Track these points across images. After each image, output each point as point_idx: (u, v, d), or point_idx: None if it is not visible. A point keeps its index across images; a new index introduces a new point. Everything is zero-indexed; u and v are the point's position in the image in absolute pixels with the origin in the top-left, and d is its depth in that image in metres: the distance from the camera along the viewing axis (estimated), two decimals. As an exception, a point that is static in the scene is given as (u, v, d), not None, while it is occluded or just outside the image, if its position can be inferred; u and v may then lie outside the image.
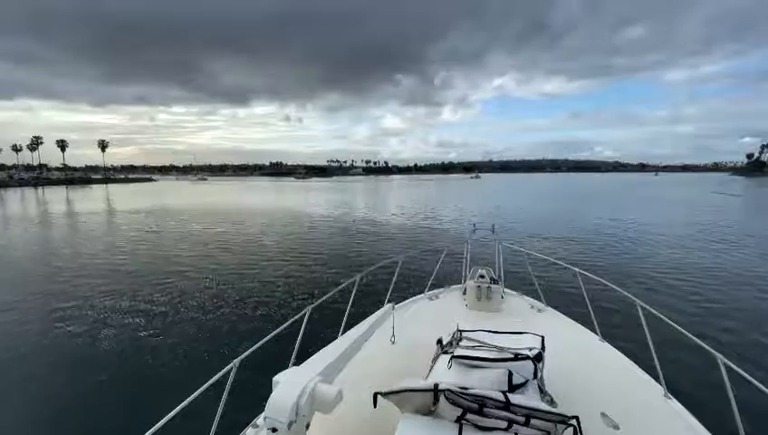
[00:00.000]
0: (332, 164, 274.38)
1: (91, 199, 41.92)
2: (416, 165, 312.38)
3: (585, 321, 3.37)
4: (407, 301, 4.03)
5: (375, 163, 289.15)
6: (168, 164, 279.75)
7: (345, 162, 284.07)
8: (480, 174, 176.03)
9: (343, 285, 3.42)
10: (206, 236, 16.43)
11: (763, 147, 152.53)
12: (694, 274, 10.19)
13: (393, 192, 55.72)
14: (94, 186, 78.61)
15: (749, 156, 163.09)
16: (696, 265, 11.15)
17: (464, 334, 2.32)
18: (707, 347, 2.16)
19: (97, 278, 10.03)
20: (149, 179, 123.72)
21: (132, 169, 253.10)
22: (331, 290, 3.29)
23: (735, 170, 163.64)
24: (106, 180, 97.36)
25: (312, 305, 2.64)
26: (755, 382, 1.81)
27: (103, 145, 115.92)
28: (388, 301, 3.68)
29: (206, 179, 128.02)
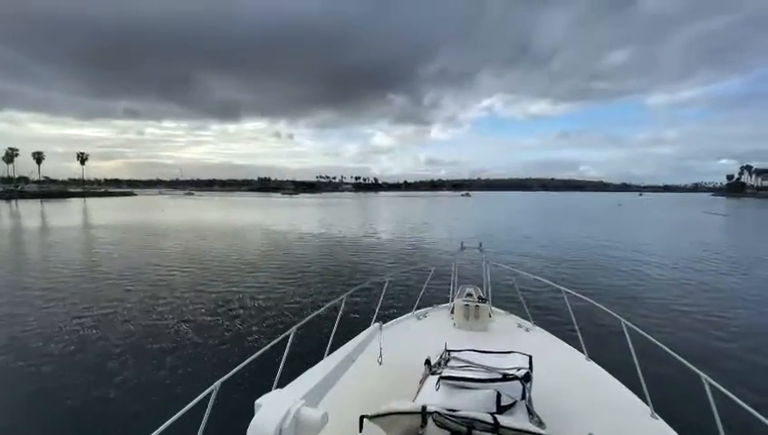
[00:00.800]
0: (322, 180, 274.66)
1: (59, 213, 41.06)
2: (405, 182, 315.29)
3: (572, 340, 3.40)
4: (394, 320, 4.00)
5: (365, 180, 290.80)
6: (154, 178, 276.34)
7: (335, 178, 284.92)
8: (470, 192, 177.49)
9: (329, 304, 3.35)
10: (187, 254, 16.11)
11: (742, 168, 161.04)
12: (683, 293, 10.43)
13: (381, 209, 55.91)
14: (73, 199, 76.85)
15: (729, 177, 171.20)
16: (686, 284, 11.42)
17: (452, 354, 2.31)
18: (691, 366, 2.20)
19: (52, 295, 9.69)
20: (131, 193, 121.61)
21: (117, 182, 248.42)
22: (316, 310, 3.21)
23: (716, 191, 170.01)
24: (84, 194, 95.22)
25: (297, 326, 2.60)
26: (738, 401, 1.85)
27: (82, 158, 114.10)
28: (376, 320, 3.65)
29: (192, 194, 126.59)
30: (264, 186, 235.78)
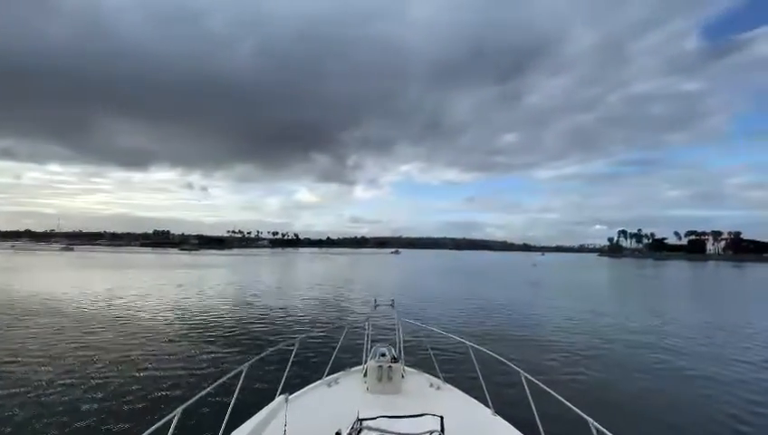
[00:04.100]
0: (234, 235, 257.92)
1: None
2: (328, 238, 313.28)
3: (479, 393, 3.59)
4: (302, 390, 3.78)
5: (284, 235, 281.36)
6: (23, 229, 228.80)
7: (249, 233, 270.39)
8: (399, 250, 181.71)
9: (226, 377, 2.99)
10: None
11: (619, 232, 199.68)
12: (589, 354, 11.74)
13: (295, 267, 53.98)
14: None
15: (610, 239, 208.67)
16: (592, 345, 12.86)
17: (363, 424, 2.28)
18: (580, 412, 2.48)
19: None
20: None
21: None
22: (209, 385, 2.82)
23: (601, 252, 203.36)
24: None
25: (184, 406, 2.30)
26: None
27: None
28: (282, 391, 3.41)
29: (72, 249, 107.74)
30: (162, 240, 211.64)
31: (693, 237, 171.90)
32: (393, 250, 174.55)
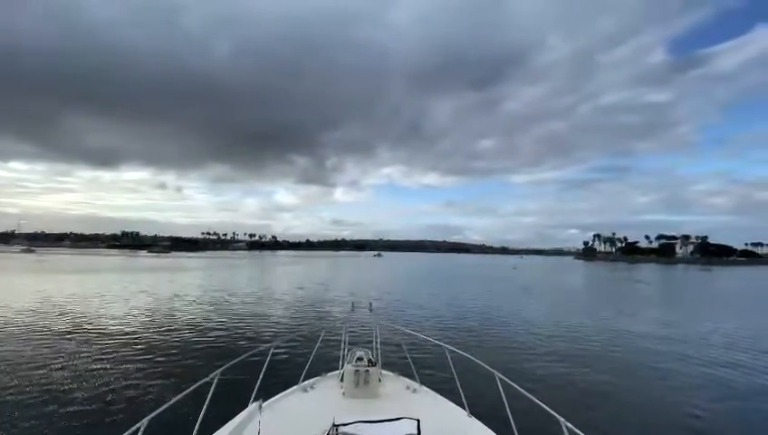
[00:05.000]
0: (209, 237, 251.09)
1: None
2: (308, 241, 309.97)
3: (455, 396, 3.64)
4: (277, 396, 3.72)
5: (261, 237, 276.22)
6: None
7: (225, 235, 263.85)
8: (382, 253, 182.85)
9: (196, 385, 2.82)
10: None
11: (594, 236, 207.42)
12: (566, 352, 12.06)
13: (272, 272, 53.12)
14: None
15: (585, 243, 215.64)
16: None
17: (339, 430, 2.28)
18: (551, 411, 2.56)
19: None
20: None
21: None
22: (178, 394, 2.60)
23: (576, 255, 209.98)
24: None
25: (151, 416, 2.20)
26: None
27: None
28: (255, 398, 3.35)
29: (33, 251, 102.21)
30: (131, 242, 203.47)
31: (663, 241, 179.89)
32: (376, 253, 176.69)
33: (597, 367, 10.01)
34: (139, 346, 10.81)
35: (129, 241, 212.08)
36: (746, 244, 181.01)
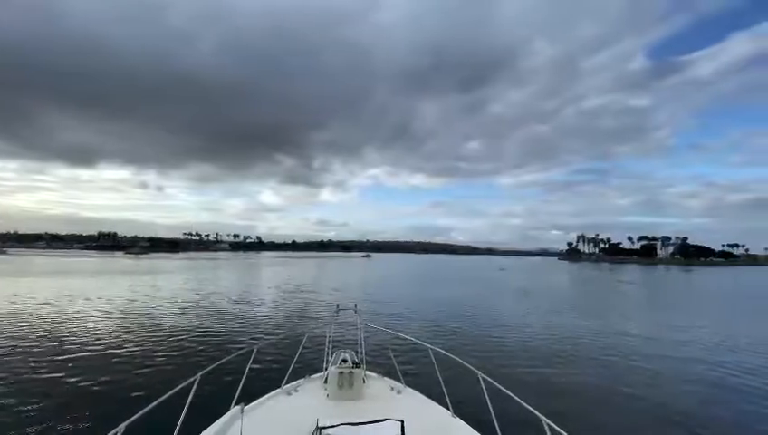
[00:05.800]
0: (191, 238, 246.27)
1: None
2: (293, 241, 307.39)
3: (439, 396, 3.68)
4: (259, 399, 3.68)
5: (245, 238, 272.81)
6: None
7: (208, 236, 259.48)
8: (370, 254, 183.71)
9: (175, 389, 2.76)
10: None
11: (578, 237, 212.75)
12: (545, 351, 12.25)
13: (255, 274, 52.43)
14: None
15: (569, 244, 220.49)
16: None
17: (323, 432, 2.28)
18: (533, 410, 2.61)
19: None
20: None
21: None
22: (156, 398, 2.54)
23: (561, 255, 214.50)
24: None
25: (129, 422, 2.15)
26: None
27: None
28: (237, 402, 3.31)
29: (5, 252, 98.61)
30: (109, 243, 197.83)
31: (645, 242, 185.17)
32: (364, 254, 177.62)
33: (581, 366, 10.21)
34: (112, 351, 10.45)
35: (107, 242, 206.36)
36: (723, 245, 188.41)
